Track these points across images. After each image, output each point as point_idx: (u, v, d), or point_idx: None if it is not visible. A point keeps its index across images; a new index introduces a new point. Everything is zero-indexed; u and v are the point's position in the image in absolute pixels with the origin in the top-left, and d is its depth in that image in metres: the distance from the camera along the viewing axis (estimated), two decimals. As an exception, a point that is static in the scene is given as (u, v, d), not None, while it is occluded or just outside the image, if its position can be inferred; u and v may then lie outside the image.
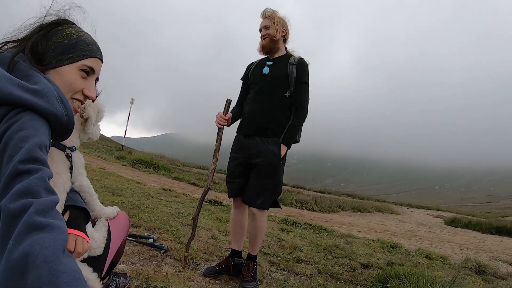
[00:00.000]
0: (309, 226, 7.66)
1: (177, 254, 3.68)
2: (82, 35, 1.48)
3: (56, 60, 1.40)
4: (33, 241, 0.85)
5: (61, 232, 0.93)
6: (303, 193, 20.21)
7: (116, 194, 6.64)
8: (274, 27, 3.40)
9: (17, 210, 0.92)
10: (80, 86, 1.46)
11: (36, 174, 1.02)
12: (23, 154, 1.03)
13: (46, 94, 1.20)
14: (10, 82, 1.16)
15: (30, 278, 0.80)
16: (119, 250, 2.09)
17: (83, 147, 19.21)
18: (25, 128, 1.09)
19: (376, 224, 11.69)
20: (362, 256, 5.17)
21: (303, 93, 3.39)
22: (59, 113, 1.23)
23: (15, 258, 0.83)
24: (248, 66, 3.73)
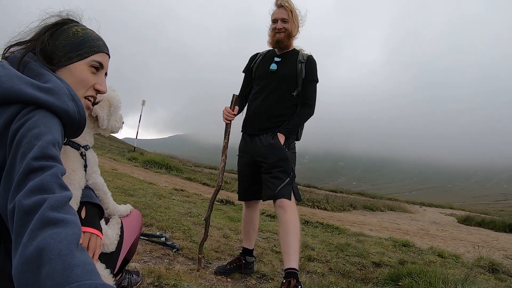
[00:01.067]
0: (321, 225, 7.63)
1: (189, 253, 3.71)
2: (88, 32, 1.51)
3: (66, 58, 1.42)
4: (47, 236, 0.87)
5: (74, 226, 0.94)
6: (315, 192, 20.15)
7: (128, 194, 6.70)
8: (294, 22, 3.26)
9: (31, 206, 0.94)
10: (92, 82, 1.49)
11: (50, 171, 1.04)
12: (36, 151, 1.05)
13: (57, 92, 1.22)
14: (22, 81, 1.18)
15: (44, 271, 0.82)
16: (132, 248, 2.12)
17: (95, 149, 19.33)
18: (38, 126, 1.11)
19: (388, 223, 11.62)
20: (374, 255, 5.14)
21: (311, 91, 3.30)
22: (71, 110, 1.25)
23: (29, 252, 0.85)
24: (252, 58, 3.58)
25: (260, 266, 3.79)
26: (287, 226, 3.06)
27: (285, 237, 3.06)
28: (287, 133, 3.25)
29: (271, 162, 3.19)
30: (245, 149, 3.42)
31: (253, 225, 3.59)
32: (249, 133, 3.41)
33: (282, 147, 3.21)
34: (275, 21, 3.29)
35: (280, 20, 3.24)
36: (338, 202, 14.59)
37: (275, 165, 3.18)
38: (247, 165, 3.42)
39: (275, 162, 3.18)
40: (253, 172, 3.39)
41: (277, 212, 3.17)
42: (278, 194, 3.11)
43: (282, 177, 3.16)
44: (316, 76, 3.31)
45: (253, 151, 3.35)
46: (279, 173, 3.16)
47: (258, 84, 3.43)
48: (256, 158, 3.31)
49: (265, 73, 3.38)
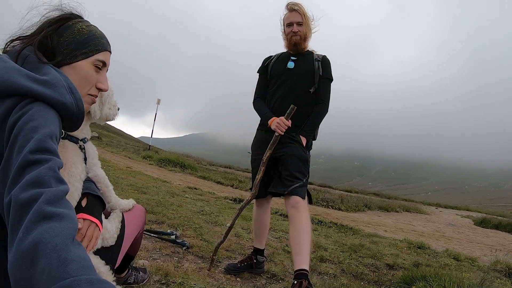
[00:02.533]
0: (335, 225, 7.58)
1: (199, 251, 3.68)
2: (92, 29, 1.50)
3: (70, 56, 1.42)
4: (43, 230, 0.86)
5: (70, 221, 0.93)
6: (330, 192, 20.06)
7: (141, 192, 6.72)
8: (308, 25, 3.33)
9: (27, 200, 0.93)
10: (94, 80, 1.49)
11: (46, 164, 1.02)
12: (33, 144, 1.04)
13: (55, 84, 1.21)
14: (19, 73, 1.17)
15: (40, 266, 0.81)
16: (135, 244, 2.10)
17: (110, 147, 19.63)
18: (35, 119, 1.10)
19: (403, 224, 11.49)
20: (388, 257, 5.07)
21: (326, 89, 3.33)
22: (68, 103, 1.24)
23: (25, 246, 0.84)
24: (266, 59, 3.61)
25: (271, 266, 3.75)
26: (299, 226, 3.01)
27: (297, 237, 3.00)
28: (308, 134, 3.28)
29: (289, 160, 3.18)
30: (262, 145, 3.37)
31: (264, 224, 3.57)
32: (267, 129, 3.37)
33: (304, 149, 3.23)
34: (290, 25, 3.35)
35: (295, 24, 3.31)
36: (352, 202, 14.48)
37: (295, 164, 3.17)
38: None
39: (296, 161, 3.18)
40: (269, 169, 3.34)
41: (289, 211, 3.12)
42: (293, 192, 3.08)
43: (299, 177, 3.15)
44: (331, 75, 3.35)
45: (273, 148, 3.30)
46: (296, 173, 3.15)
47: (276, 82, 3.44)
48: (275, 154, 3.27)
49: (283, 70, 3.40)
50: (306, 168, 3.22)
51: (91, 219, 1.48)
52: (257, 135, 3.53)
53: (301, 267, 2.87)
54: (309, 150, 3.35)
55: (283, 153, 3.22)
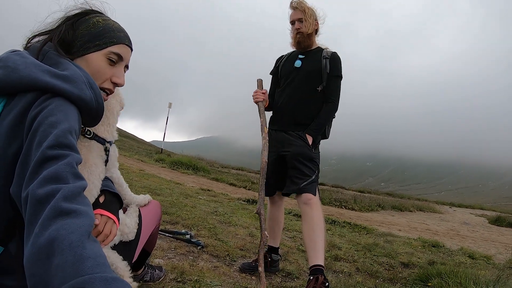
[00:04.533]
0: (348, 225, 7.55)
1: (213, 250, 3.70)
2: (109, 23, 1.49)
3: (83, 48, 1.41)
4: (59, 227, 0.87)
5: (87, 217, 0.94)
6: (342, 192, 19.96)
7: (155, 194, 6.75)
8: (308, 21, 3.29)
9: (44, 195, 0.93)
10: (108, 74, 1.46)
11: (64, 160, 1.03)
12: (52, 139, 1.04)
13: (74, 79, 1.22)
14: (39, 69, 1.19)
15: (55, 262, 0.82)
16: (151, 239, 2.11)
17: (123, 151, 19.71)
18: (54, 114, 1.11)
19: (417, 223, 11.39)
20: (403, 255, 5.04)
21: (335, 87, 3.29)
22: (88, 98, 1.25)
23: (41, 242, 0.85)
24: (278, 60, 3.64)
25: (286, 264, 3.75)
26: (313, 222, 3.02)
27: (311, 233, 3.01)
28: (314, 133, 3.26)
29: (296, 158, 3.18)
30: (270, 144, 3.38)
31: (278, 222, 3.57)
32: (275, 129, 3.41)
33: (309, 148, 3.21)
34: (293, 23, 3.38)
35: (297, 21, 3.33)
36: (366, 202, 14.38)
37: (302, 162, 3.17)
38: (273, 160, 3.37)
39: (302, 159, 3.17)
40: (278, 167, 3.37)
41: (302, 208, 3.13)
42: (304, 189, 3.09)
43: (309, 173, 3.15)
44: (340, 72, 3.31)
45: (279, 144, 3.33)
46: (305, 170, 3.15)
47: (284, 81, 3.45)
48: (281, 153, 3.30)
49: (290, 69, 3.41)
50: (313, 165, 3.20)
51: (109, 215, 1.48)
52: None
53: (317, 262, 2.89)
54: (316, 148, 3.32)
55: (289, 152, 3.23)
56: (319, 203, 3.15)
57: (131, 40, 1.55)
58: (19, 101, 1.16)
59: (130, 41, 1.54)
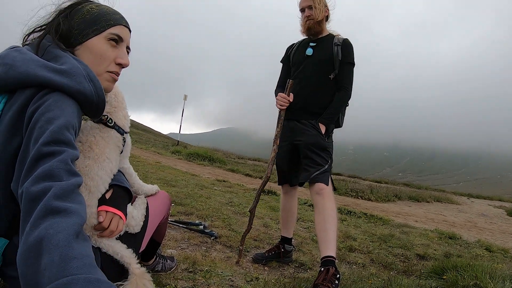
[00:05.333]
0: (364, 215, 7.50)
1: (227, 241, 3.71)
2: (103, 8, 1.48)
3: (82, 35, 1.40)
4: (48, 226, 0.88)
5: (77, 216, 0.94)
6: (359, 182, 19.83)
7: (170, 185, 6.82)
8: (318, 7, 3.23)
9: (37, 193, 0.95)
10: (112, 56, 1.45)
11: (59, 157, 1.04)
12: (47, 136, 1.05)
13: (73, 73, 1.22)
14: (37, 64, 1.20)
15: (44, 261, 0.83)
16: (160, 229, 2.12)
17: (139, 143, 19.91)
18: (51, 110, 1.12)
19: (434, 214, 11.25)
20: (418, 247, 4.99)
21: (348, 74, 3.24)
22: (88, 91, 1.25)
23: (30, 241, 0.87)
24: (289, 48, 3.60)
25: (299, 255, 3.74)
26: (325, 213, 2.97)
27: (323, 224, 2.96)
28: (327, 122, 3.21)
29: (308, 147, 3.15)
30: (283, 134, 3.36)
31: (292, 213, 3.55)
32: (288, 118, 3.37)
33: (322, 137, 3.17)
34: (302, 10, 3.34)
35: (307, 8, 3.29)
36: (382, 193, 14.24)
37: (314, 152, 3.14)
38: (286, 150, 3.37)
39: (314, 149, 3.14)
40: (291, 157, 3.37)
41: (314, 198, 3.09)
42: (316, 178, 3.05)
43: (321, 162, 3.11)
44: (353, 59, 3.25)
45: (292, 134, 3.31)
46: (317, 159, 3.12)
47: (296, 70, 3.41)
48: (294, 142, 3.27)
49: (301, 58, 3.37)
50: (326, 154, 3.15)
51: (114, 211, 1.49)
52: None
53: (328, 254, 2.85)
54: (329, 137, 3.27)
55: (301, 141, 3.20)
56: (332, 193, 3.10)
57: (127, 21, 1.55)
58: (18, 98, 1.18)
59: (127, 22, 1.53)
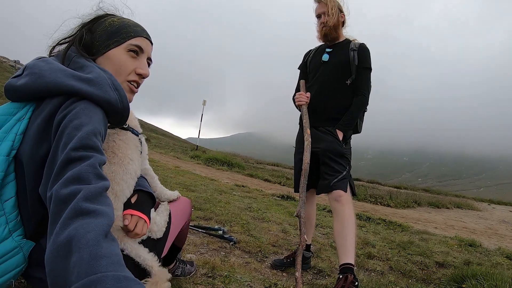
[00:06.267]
0: (383, 222, 7.45)
1: (245, 246, 3.73)
2: (124, 21, 1.55)
3: (103, 47, 1.47)
4: (78, 226, 0.92)
5: (105, 217, 0.98)
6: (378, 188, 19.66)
7: (190, 190, 6.86)
8: (330, 12, 3.24)
9: (66, 195, 0.99)
10: (131, 66, 1.51)
11: (88, 161, 1.09)
12: (76, 142, 1.10)
13: (99, 82, 1.28)
14: (64, 73, 1.26)
15: (73, 260, 0.86)
16: (181, 235, 2.17)
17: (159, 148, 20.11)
18: (79, 117, 1.17)
19: (454, 221, 11.09)
20: (438, 254, 4.93)
21: (364, 79, 3.23)
22: (113, 99, 1.30)
23: (60, 240, 0.90)
24: (306, 54, 3.62)
25: (317, 261, 3.74)
26: (344, 220, 2.98)
27: (341, 231, 2.97)
28: (345, 128, 3.21)
29: (327, 155, 3.15)
30: (301, 141, 3.38)
31: (310, 219, 3.55)
32: None
33: (340, 144, 3.17)
34: (318, 16, 3.35)
35: (322, 15, 3.29)
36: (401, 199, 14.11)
37: (332, 159, 3.13)
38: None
39: (332, 156, 3.14)
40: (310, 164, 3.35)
41: (333, 205, 3.09)
42: (334, 186, 3.05)
43: (339, 169, 3.11)
44: (369, 64, 3.24)
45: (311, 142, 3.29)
46: (336, 166, 3.11)
47: (313, 76, 3.42)
48: (313, 149, 3.25)
49: (318, 64, 3.38)
50: (344, 161, 3.15)
51: (139, 215, 1.53)
52: (298, 130, 3.53)
53: (346, 261, 2.85)
54: (347, 143, 3.26)
55: (319, 148, 3.20)
56: (350, 199, 3.10)
57: (149, 34, 1.60)
58: (47, 106, 1.24)
59: (148, 34, 1.59)
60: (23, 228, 1.25)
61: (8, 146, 1.22)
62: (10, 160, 1.22)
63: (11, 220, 1.21)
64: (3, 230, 1.19)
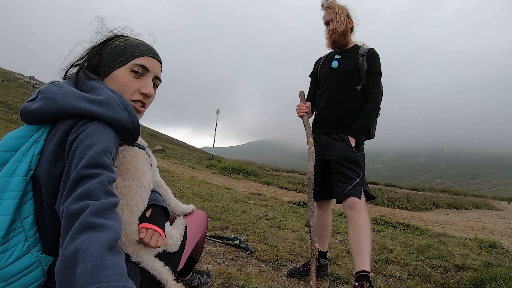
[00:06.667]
0: (401, 226, 7.37)
1: (262, 255, 3.76)
2: (131, 41, 1.61)
3: (108, 67, 1.54)
4: (84, 239, 0.97)
5: (111, 231, 1.03)
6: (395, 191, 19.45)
7: (206, 200, 6.91)
8: (339, 20, 3.26)
9: (76, 211, 1.05)
10: (135, 86, 1.56)
11: (98, 178, 1.15)
12: (86, 160, 1.16)
13: (109, 103, 1.35)
14: (75, 96, 1.33)
15: (78, 270, 0.92)
16: (198, 248, 2.21)
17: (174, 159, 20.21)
18: (90, 137, 1.24)
19: (473, 222, 10.90)
20: (457, 257, 4.87)
21: (375, 84, 3.22)
22: (123, 119, 1.37)
23: (68, 252, 0.96)
24: (316, 62, 3.63)
25: (335, 268, 3.74)
26: (359, 227, 2.99)
27: (356, 238, 2.98)
28: (357, 134, 3.21)
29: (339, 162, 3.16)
30: (315, 148, 3.40)
31: (326, 226, 3.55)
32: (318, 132, 3.41)
33: (352, 150, 3.18)
34: (327, 24, 3.37)
35: (331, 22, 3.31)
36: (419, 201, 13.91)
37: (345, 166, 3.14)
38: (318, 164, 3.38)
39: (345, 163, 3.15)
40: (323, 171, 3.37)
41: (347, 212, 3.10)
42: (348, 193, 3.06)
43: (353, 176, 3.11)
44: (379, 69, 3.23)
45: (323, 149, 3.32)
46: (349, 173, 3.12)
47: (323, 84, 3.44)
48: (325, 157, 3.29)
49: (328, 71, 3.40)
50: (357, 168, 3.15)
51: (154, 228, 1.58)
52: None
53: (362, 268, 2.87)
54: (360, 150, 3.26)
55: (332, 156, 3.21)
56: (365, 206, 3.10)
57: (157, 53, 1.65)
58: (60, 127, 1.31)
59: (155, 54, 1.64)
60: (41, 244, 1.31)
61: (25, 166, 1.28)
62: (28, 180, 1.28)
63: (30, 236, 1.27)
64: (22, 246, 1.25)
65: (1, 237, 1.19)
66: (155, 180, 1.91)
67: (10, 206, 1.22)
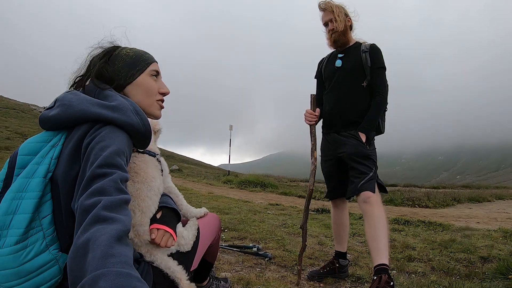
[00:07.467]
0: (423, 224, 7.25)
1: (281, 261, 3.75)
2: (136, 50, 1.76)
3: (130, 76, 1.68)
4: (95, 230, 1.03)
5: (120, 223, 1.08)
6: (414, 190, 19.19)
7: (223, 213, 6.93)
8: (338, 19, 3.29)
9: (89, 206, 1.11)
10: (156, 87, 1.74)
11: (110, 177, 1.21)
12: (100, 160, 1.24)
13: (122, 108, 1.44)
14: (90, 102, 1.43)
15: (88, 258, 0.97)
16: (212, 250, 2.25)
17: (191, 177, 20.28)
18: (104, 140, 1.32)
19: (497, 213, 10.67)
20: (482, 249, 4.79)
21: (380, 79, 3.24)
22: (135, 123, 1.46)
23: (79, 242, 1.01)
24: (320, 63, 3.66)
25: (356, 269, 3.72)
26: (374, 221, 2.96)
27: (373, 232, 2.96)
28: (367, 130, 3.22)
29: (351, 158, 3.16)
30: (327, 148, 3.44)
31: (343, 226, 3.55)
32: (328, 132, 3.45)
33: (363, 146, 3.18)
34: (326, 24, 3.41)
35: (329, 22, 3.36)
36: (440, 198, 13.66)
37: (358, 161, 3.14)
38: (331, 164, 3.41)
39: (357, 158, 3.15)
40: (337, 170, 3.39)
41: (362, 207, 3.08)
42: (362, 188, 3.05)
43: (366, 171, 3.11)
44: (383, 63, 3.26)
45: (335, 148, 3.34)
46: (362, 168, 3.12)
47: (329, 84, 3.47)
48: (338, 155, 3.30)
49: (332, 70, 3.42)
50: (369, 162, 3.14)
51: (165, 228, 1.65)
52: (322, 138, 3.58)
53: (380, 262, 2.83)
54: (371, 144, 3.27)
55: (344, 153, 3.22)
56: (380, 200, 3.08)
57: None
58: (77, 132, 1.41)
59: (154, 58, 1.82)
60: (59, 242, 1.39)
61: (44, 169, 1.37)
62: (46, 182, 1.37)
63: (48, 235, 1.35)
64: (40, 244, 1.33)
65: (21, 234, 1.27)
66: (166, 186, 1.99)
67: (30, 205, 1.31)
